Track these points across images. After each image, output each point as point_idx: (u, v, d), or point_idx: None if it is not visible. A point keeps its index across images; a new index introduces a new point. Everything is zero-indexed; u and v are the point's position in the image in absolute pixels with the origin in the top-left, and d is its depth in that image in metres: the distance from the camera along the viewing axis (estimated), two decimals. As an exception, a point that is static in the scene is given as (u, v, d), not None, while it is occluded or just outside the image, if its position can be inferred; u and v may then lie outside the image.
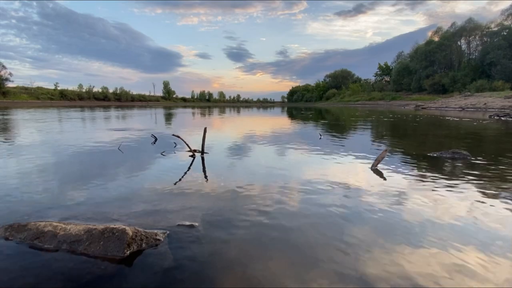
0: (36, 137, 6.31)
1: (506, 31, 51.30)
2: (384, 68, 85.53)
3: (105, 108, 32.81)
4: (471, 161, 3.89)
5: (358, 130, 8.75)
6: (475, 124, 10.66)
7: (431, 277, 1.32)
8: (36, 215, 1.98)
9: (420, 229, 1.82)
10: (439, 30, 67.91)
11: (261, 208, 2.15)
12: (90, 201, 2.28)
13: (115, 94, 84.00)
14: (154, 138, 5.94)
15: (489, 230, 1.82)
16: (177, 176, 3.08)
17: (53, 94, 66.19)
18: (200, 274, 1.34)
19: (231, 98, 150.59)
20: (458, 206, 2.23)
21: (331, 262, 1.43)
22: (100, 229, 1.58)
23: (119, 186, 2.70)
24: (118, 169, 3.40)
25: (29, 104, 43.79)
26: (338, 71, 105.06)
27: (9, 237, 1.66)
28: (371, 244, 1.62)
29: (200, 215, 2.00)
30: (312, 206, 2.20)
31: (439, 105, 34.13)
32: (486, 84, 43.67)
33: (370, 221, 1.93)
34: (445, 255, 1.51)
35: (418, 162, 3.85)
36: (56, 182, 2.84)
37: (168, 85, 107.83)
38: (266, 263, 1.43)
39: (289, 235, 1.73)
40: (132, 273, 1.35)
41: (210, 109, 34.72)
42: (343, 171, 3.39)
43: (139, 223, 1.83)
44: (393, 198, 2.39)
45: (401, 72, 69.68)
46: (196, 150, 4.40)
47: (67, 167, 3.53)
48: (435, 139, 6.66)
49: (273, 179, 2.97)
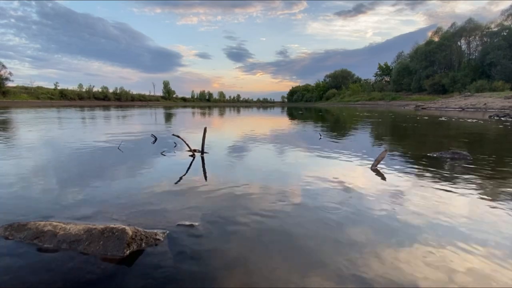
0: (36, 137, 6.31)
1: (506, 32, 51.30)
2: (384, 68, 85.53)
3: (105, 107, 32.80)
4: (471, 161, 3.89)
5: (358, 130, 8.75)
6: (475, 125, 10.66)
7: (431, 277, 1.32)
8: (36, 214, 1.98)
9: (420, 229, 1.82)
10: (439, 30, 67.92)
11: (261, 208, 2.15)
12: (90, 200, 2.28)
13: (115, 94, 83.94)
14: (154, 138, 5.94)
15: (489, 230, 1.82)
16: (177, 176, 3.08)
17: (53, 93, 66.14)
18: (199, 274, 1.34)
19: (231, 98, 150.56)
20: (458, 206, 2.24)
21: (330, 262, 1.43)
22: (100, 229, 1.58)
23: (119, 185, 2.70)
24: (118, 169, 3.40)
25: (29, 104, 43.76)
26: (338, 71, 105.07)
27: (9, 236, 1.66)
28: (371, 244, 1.62)
29: (200, 215, 2.00)
30: (311, 206, 2.20)
31: (439, 105, 34.13)
32: (486, 85, 43.68)
33: (370, 221, 1.93)
34: (445, 255, 1.51)
35: (418, 162, 3.85)
36: (55, 181, 2.84)
37: (168, 85, 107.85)
38: (266, 263, 1.43)
39: (288, 235, 1.73)
40: (132, 273, 1.35)
41: (210, 109, 34.72)
42: (343, 171, 3.39)
43: (139, 223, 1.83)
44: (393, 199, 2.39)
45: (401, 72, 69.67)
46: (196, 150, 4.39)
47: (66, 166, 3.53)
48: (435, 139, 6.66)
49: (273, 179, 2.97)
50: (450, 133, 8.03)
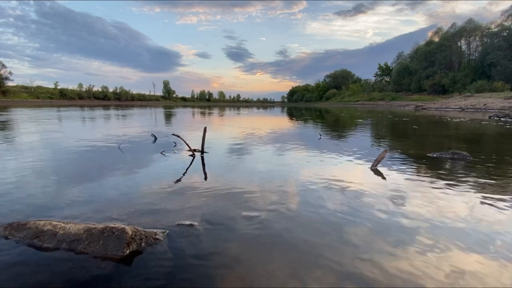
0: (36, 136, 6.30)
1: (506, 32, 51.31)
2: (384, 69, 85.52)
3: (105, 107, 32.79)
4: (471, 161, 3.89)
5: (358, 130, 8.75)
6: (474, 125, 10.67)
7: (431, 277, 1.32)
8: (35, 214, 1.98)
9: (420, 229, 1.82)
10: (439, 31, 67.89)
11: (261, 207, 2.15)
12: (90, 200, 2.28)
13: (115, 94, 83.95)
14: (154, 138, 5.94)
15: (489, 230, 1.82)
16: (177, 176, 3.08)
17: (53, 93, 66.17)
18: (199, 274, 1.34)
19: (231, 98, 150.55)
20: (457, 206, 2.24)
21: (330, 262, 1.43)
22: (99, 228, 1.58)
23: (118, 185, 2.70)
24: (117, 168, 3.40)
25: (29, 103, 43.75)
26: (338, 71, 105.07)
27: (9, 236, 1.66)
28: (370, 244, 1.62)
29: (200, 215, 2.00)
30: (311, 206, 2.20)
31: (439, 106, 34.14)
32: (486, 85, 43.69)
33: (370, 221, 1.93)
34: (444, 255, 1.51)
35: (418, 163, 3.85)
36: (55, 181, 2.84)
37: (168, 85, 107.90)
38: (266, 262, 1.43)
39: (288, 235, 1.73)
40: (131, 272, 1.35)
41: (210, 108, 34.71)
42: (342, 171, 3.39)
43: (138, 223, 1.83)
44: (392, 199, 2.39)
45: (401, 73, 69.66)
46: (196, 150, 4.39)
47: (66, 166, 3.52)
48: (435, 139, 6.66)
49: (272, 179, 2.97)
50: (450, 133, 8.03)
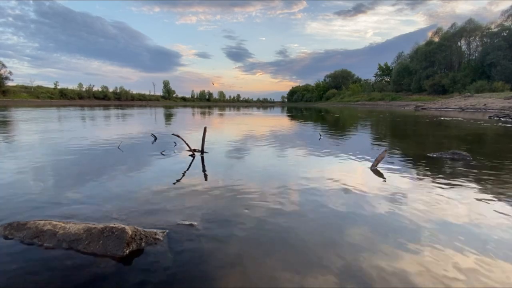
0: (36, 136, 6.30)
1: (506, 32, 51.29)
2: (384, 69, 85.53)
3: (105, 107, 32.78)
4: (471, 161, 3.89)
5: (358, 130, 8.75)
6: (474, 125, 10.67)
7: (431, 277, 1.32)
8: (35, 214, 1.98)
9: (420, 229, 1.82)
10: (439, 31, 67.87)
11: (260, 207, 2.15)
12: (90, 200, 2.28)
13: (115, 94, 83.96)
14: (154, 137, 5.94)
15: (489, 231, 1.82)
16: (177, 176, 3.08)
17: (52, 93, 66.19)
18: (199, 273, 1.34)
19: (231, 98, 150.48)
20: (457, 206, 2.24)
21: (330, 261, 1.44)
22: (99, 228, 1.58)
23: (118, 185, 2.70)
24: (118, 168, 3.40)
25: (29, 103, 43.74)
26: (338, 71, 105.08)
27: (9, 235, 1.66)
28: (370, 244, 1.62)
29: (200, 215, 2.00)
30: (311, 206, 2.20)
31: (439, 106, 34.14)
32: (486, 85, 43.69)
33: (369, 222, 1.93)
34: (444, 255, 1.51)
35: (418, 163, 3.85)
36: (55, 181, 2.84)
37: (168, 85, 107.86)
38: (266, 262, 1.43)
39: (288, 234, 1.73)
40: (131, 272, 1.35)
41: (210, 108, 34.71)
42: (342, 171, 3.39)
43: (138, 222, 1.83)
44: (392, 199, 2.39)
45: (401, 73, 69.65)
46: (196, 150, 4.39)
47: (66, 166, 3.52)
48: (435, 139, 6.66)
49: (272, 179, 2.97)
50: (450, 133, 8.03)
